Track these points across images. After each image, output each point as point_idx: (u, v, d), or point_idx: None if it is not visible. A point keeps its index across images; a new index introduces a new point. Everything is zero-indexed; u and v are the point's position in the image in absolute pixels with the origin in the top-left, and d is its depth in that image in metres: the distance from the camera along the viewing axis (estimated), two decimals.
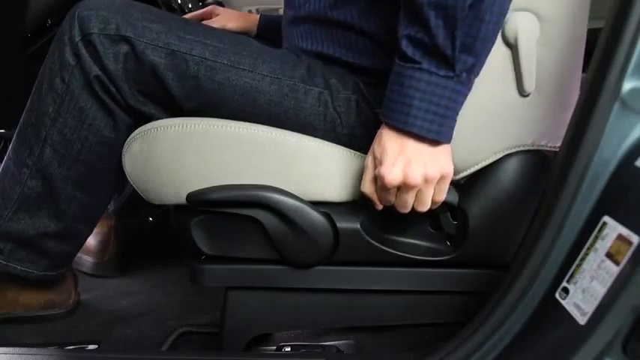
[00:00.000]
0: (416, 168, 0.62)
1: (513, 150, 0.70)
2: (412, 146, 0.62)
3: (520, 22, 0.66)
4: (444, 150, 0.64)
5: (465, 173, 0.71)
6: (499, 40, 0.66)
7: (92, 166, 0.80)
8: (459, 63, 0.60)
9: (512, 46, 0.66)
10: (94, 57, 0.73)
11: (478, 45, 0.60)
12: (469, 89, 0.63)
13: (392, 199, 0.66)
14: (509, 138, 0.70)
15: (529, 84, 0.67)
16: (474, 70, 0.62)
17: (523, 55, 0.66)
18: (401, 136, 0.63)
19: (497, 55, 0.66)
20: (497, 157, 0.70)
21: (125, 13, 0.72)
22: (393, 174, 0.62)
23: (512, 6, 0.64)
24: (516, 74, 0.67)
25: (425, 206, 0.66)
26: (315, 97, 0.75)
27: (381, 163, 0.64)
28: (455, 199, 0.70)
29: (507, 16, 0.64)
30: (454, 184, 0.69)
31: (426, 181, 0.63)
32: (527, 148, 0.70)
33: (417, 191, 0.64)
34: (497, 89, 0.68)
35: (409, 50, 0.61)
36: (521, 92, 0.68)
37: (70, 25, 0.73)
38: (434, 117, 0.61)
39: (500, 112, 0.69)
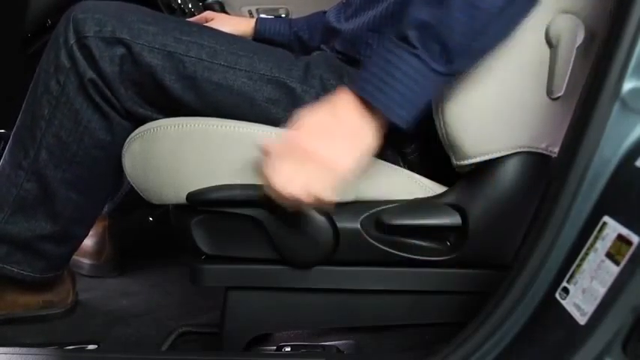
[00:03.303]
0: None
1: (524, 150, 0.69)
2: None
3: (566, 25, 0.64)
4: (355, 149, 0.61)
5: (472, 161, 0.69)
6: (541, 37, 0.65)
7: (88, 168, 0.80)
8: (456, 64, 0.58)
9: (553, 46, 0.65)
10: (89, 60, 0.73)
11: (480, 54, 0.59)
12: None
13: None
14: (525, 137, 0.69)
15: (558, 87, 0.66)
16: (459, 74, 0.61)
17: (561, 57, 0.65)
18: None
19: (536, 51, 0.65)
20: (507, 152, 0.69)
21: (121, 16, 0.72)
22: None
23: (562, 8, 0.63)
24: (549, 75, 0.66)
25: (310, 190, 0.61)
26: (312, 96, 0.75)
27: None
28: (457, 221, 0.70)
29: (555, 16, 0.63)
30: (459, 172, 0.68)
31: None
32: (538, 151, 0.70)
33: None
34: (528, 85, 0.67)
35: (412, 32, 0.58)
36: (549, 94, 0.67)
37: (65, 27, 0.73)
38: (405, 102, 0.59)
39: (523, 109, 0.68)
